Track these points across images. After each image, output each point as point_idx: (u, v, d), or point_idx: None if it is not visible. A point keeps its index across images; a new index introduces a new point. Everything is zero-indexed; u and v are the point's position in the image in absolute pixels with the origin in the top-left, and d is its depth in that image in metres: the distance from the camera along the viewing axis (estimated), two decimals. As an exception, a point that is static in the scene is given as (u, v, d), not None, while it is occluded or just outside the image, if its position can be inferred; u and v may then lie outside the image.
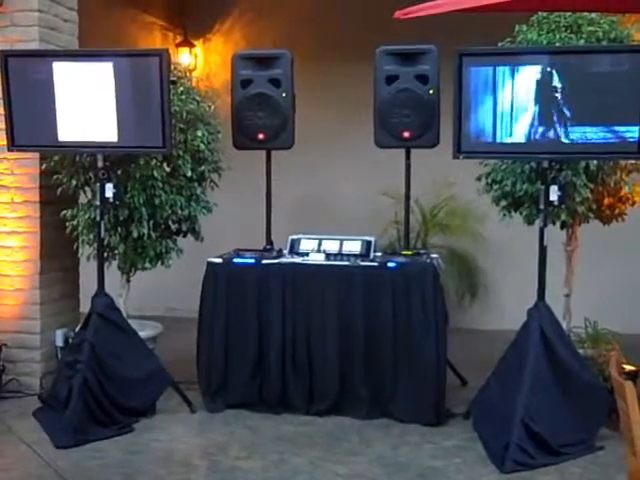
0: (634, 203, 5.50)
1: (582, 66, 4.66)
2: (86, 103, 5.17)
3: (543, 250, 4.91)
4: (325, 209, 7.82)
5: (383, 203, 7.32)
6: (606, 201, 5.50)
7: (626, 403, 2.72)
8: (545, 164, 4.87)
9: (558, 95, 4.69)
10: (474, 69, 4.79)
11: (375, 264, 5.34)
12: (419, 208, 7.51)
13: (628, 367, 5.11)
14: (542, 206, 4.88)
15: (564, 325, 5.41)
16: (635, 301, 5.61)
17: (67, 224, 5.71)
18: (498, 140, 4.87)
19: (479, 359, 6.02)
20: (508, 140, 4.86)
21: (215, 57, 8.52)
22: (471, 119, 4.88)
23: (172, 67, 5.47)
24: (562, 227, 5.53)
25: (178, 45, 8.52)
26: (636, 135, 4.66)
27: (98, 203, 5.29)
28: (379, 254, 5.58)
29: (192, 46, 8.53)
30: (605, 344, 5.33)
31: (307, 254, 5.51)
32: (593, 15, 5.23)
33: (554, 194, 4.81)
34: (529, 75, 4.73)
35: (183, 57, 8.45)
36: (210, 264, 5.50)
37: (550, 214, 5.06)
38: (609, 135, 4.70)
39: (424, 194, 7.20)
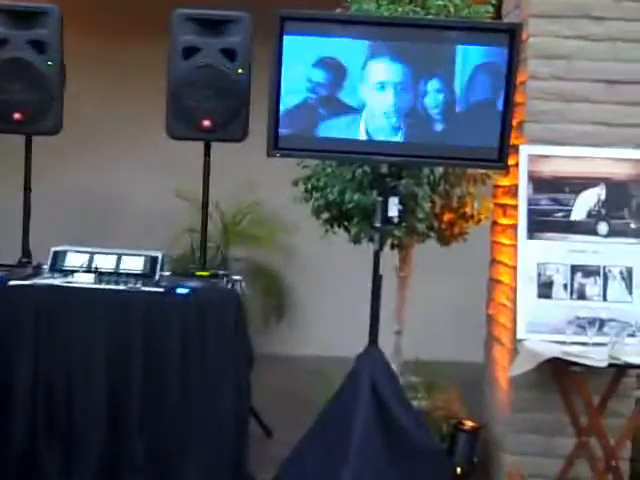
0: (479, 221, 4.60)
1: (435, 46, 3.72)
2: None
3: (377, 280, 3.88)
4: (107, 212, 6.83)
5: (178, 206, 6.44)
6: (446, 217, 4.57)
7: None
8: (384, 169, 3.88)
9: (405, 80, 3.75)
10: (298, 39, 3.73)
11: (160, 289, 4.27)
12: (219, 214, 6.66)
13: (468, 423, 4.33)
14: (378, 223, 3.86)
15: (394, 367, 4.47)
16: (468, 327, 5.11)
17: None
18: (324, 135, 3.90)
19: (286, 394, 5.59)
20: (336, 136, 3.89)
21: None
22: (291, 106, 3.86)
23: None
24: (393, 247, 4.56)
25: None
26: (496, 139, 3.77)
27: None
28: (167, 274, 4.53)
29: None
30: (441, 394, 4.47)
31: (72, 272, 4.36)
32: (442, -14, 4.31)
33: (394, 208, 3.81)
34: (369, 52, 3.74)
35: None
36: (-63, 284, 4.20)
37: (386, 234, 4.06)
38: (464, 136, 3.81)
39: (226, 197, 6.36)
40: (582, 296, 4.07)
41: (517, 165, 4.20)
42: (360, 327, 4.12)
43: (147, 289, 4.23)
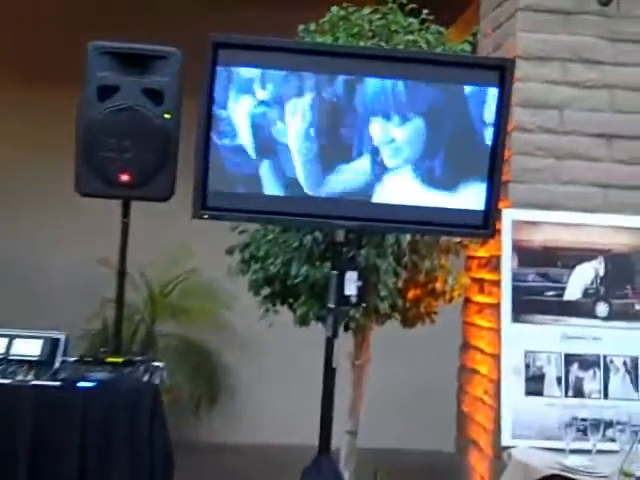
0: (452, 299, 3.87)
1: (411, 84, 3.03)
2: None
3: (330, 374, 3.08)
4: (15, 282, 6.06)
5: (102, 274, 5.50)
6: (411, 294, 3.83)
7: None
8: (340, 236, 3.13)
9: (369, 126, 3.06)
10: (234, 71, 3.00)
11: (57, 383, 3.47)
12: (146, 283, 5.96)
13: None
14: (332, 303, 3.09)
15: (347, 475, 3.71)
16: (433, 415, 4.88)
17: None
18: (264, 192, 3.17)
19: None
20: (280, 193, 3.16)
21: None
22: (224, 158, 3.14)
23: None
24: (347, 329, 3.79)
25: None
26: (482, 201, 3.07)
27: None
28: (72, 360, 3.72)
29: None
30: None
31: (-51, 359, 3.59)
32: (411, 20, 3.65)
33: (352, 285, 3.05)
34: (324, 88, 3.04)
35: None
36: None
37: (342, 316, 3.29)
38: (442, 197, 3.10)
39: (155, 265, 5.75)
40: (579, 392, 3.42)
41: (499, 232, 3.53)
42: (305, 416, 3.58)
43: (40, 383, 3.44)
